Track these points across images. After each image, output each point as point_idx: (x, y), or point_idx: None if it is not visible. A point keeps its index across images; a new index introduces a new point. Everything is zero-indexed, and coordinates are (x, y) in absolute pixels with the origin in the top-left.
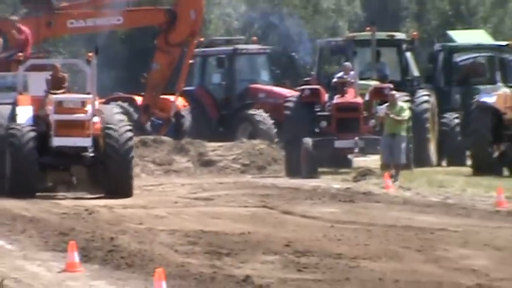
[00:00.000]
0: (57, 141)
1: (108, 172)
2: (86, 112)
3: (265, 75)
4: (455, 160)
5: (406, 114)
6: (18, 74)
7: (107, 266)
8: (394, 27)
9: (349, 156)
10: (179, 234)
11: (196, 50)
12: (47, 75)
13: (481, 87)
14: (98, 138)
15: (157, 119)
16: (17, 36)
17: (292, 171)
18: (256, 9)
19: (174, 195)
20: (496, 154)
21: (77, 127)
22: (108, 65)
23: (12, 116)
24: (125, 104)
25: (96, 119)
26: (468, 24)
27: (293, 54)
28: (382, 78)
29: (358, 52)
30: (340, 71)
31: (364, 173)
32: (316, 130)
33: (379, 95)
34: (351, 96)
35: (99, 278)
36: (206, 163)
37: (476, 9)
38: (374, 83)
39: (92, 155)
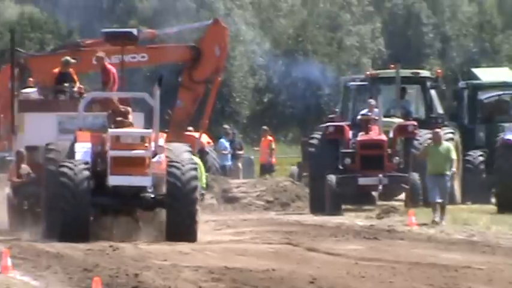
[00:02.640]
0: (113, 180)
1: (170, 214)
2: (146, 148)
3: None
4: (480, 198)
5: (454, 154)
6: (79, 109)
7: None
8: (418, 65)
9: (373, 193)
10: (203, 271)
11: None
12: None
13: (506, 124)
14: (160, 178)
15: None
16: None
17: (316, 208)
18: (281, 46)
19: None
20: None
21: (136, 165)
22: (133, 102)
23: (70, 152)
24: None
25: (160, 157)
26: (492, 62)
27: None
28: (406, 116)
29: (382, 89)
30: (364, 108)
31: (388, 210)
32: (340, 167)
33: (403, 133)
34: (375, 134)
35: None
36: (230, 200)
37: (501, 47)
38: (398, 120)
39: (152, 196)
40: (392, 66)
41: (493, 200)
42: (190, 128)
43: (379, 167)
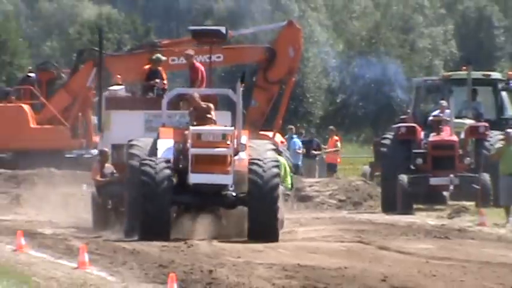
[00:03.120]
0: (194, 178)
1: (251, 213)
2: (227, 146)
3: None
4: None
5: None
6: (163, 105)
7: None
8: (489, 67)
9: (444, 193)
10: (277, 268)
11: None
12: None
13: None
14: (242, 176)
15: None
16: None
17: (388, 207)
18: (354, 48)
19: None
20: None
21: (217, 163)
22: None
23: (152, 149)
24: None
25: (243, 155)
26: None
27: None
28: (478, 117)
29: (454, 91)
30: (436, 109)
31: (459, 210)
32: (412, 167)
33: (475, 134)
34: (446, 135)
35: None
36: (303, 198)
37: None
38: (469, 121)
39: (233, 194)
40: (464, 68)
41: None
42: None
43: (450, 167)
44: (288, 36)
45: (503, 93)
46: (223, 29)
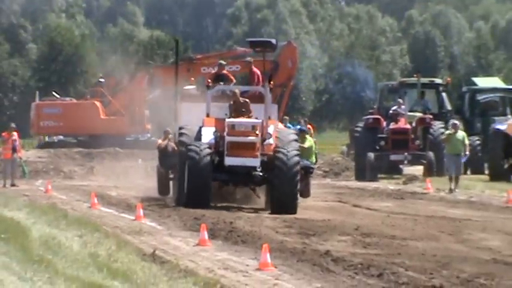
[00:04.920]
0: (229, 161)
1: (274, 191)
2: (256, 135)
3: None
4: (477, 170)
5: (467, 140)
6: (207, 98)
7: (228, 242)
8: (433, 75)
9: (400, 166)
10: (279, 220)
11: None
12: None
13: (496, 118)
14: (269, 159)
15: None
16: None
17: (360, 176)
18: (335, 61)
19: None
20: (506, 166)
21: (247, 148)
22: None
23: (198, 136)
24: None
25: (271, 141)
26: (487, 73)
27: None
28: (425, 111)
29: (407, 92)
30: (394, 106)
31: (411, 178)
32: (377, 147)
33: (423, 123)
34: (402, 124)
35: (222, 250)
36: None
37: (493, 62)
38: (419, 114)
39: (261, 174)
40: (415, 75)
41: (486, 171)
42: None
43: (405, 147)
44: (287, 52)
45: (443, 94)
46: (273, 41)
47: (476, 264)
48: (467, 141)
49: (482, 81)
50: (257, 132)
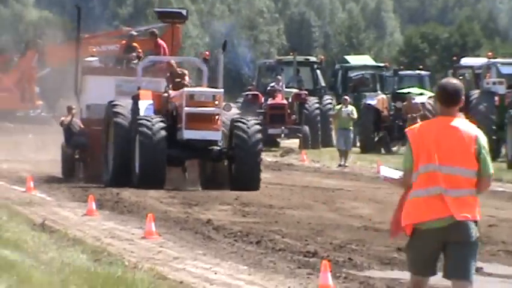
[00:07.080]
0: (187, 134)
1: (236, 164)
2: (217, 106)
3: None
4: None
5: (355, 114)
6: (138, 70)
7: (114, 212)
8: (308, 53)
9: (278, 139)
10: (163, 191)
11: None
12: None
13: (367, 94)
14: (225, 132)
15: None
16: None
17: None
18: (216, 40)
19: None
20: (376, 139)
21: (208, 121)
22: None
23: (135, 109)
24: None
25: (233, 111)
26: (358, 51)
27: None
28: (300, 87)
29: (284, 69)
30: (272, 82)
31: (288, 151)
32: None
33: (298, 99)
34: (279, 99)
35: (109, 220)
36: None
37: (364, 41)
38: (295, 90)
39: (219, 148)
40: (291, 54)
41: (358, 144)
42: None
43: (282, 122)
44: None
45: (318, 71)
46: (184, 11)
47: (349, 231)
48: (355, 115)
49: (353, 59)
50: (217, 102)
